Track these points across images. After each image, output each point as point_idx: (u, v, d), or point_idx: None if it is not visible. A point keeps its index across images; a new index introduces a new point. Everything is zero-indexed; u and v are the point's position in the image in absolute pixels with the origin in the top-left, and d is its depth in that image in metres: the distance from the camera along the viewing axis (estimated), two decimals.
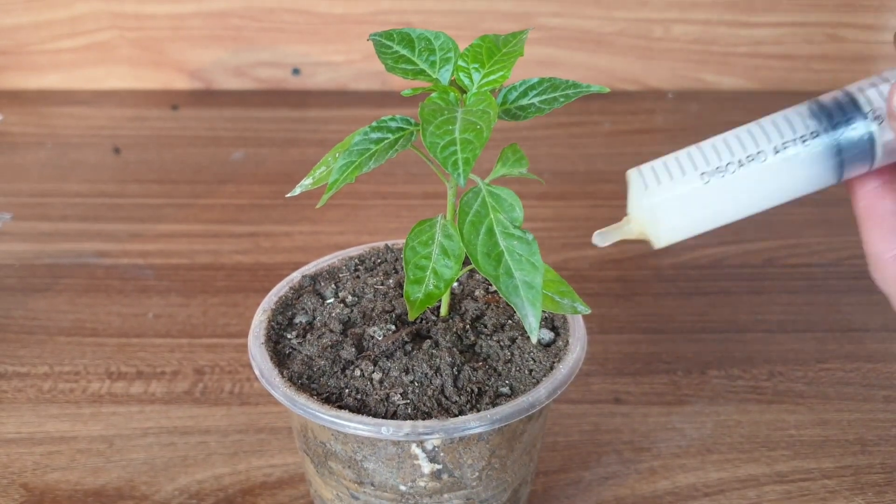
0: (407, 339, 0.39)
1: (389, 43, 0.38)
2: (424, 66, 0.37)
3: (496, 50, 0.37)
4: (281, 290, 0.43)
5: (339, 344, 0.39)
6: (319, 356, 0.39)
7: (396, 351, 0.39)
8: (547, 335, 0.40)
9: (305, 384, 0.38)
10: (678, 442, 0.50)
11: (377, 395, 0.37)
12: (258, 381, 0.44)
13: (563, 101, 0.36)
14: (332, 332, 0.40)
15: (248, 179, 0.78)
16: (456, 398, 0.37)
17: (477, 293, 0.43)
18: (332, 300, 0.43)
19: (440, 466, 0.37)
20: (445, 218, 0.37)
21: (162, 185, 0.77)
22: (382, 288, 0.43)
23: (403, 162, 0.75)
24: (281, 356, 0.40)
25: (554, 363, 0.39)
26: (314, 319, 0.42)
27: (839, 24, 0.93)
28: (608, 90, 0.35)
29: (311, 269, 0.45)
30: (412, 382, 0.37)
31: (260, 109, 0.91)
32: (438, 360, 0.38)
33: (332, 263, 0.45)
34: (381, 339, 0.39)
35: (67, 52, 0.93)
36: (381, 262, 0.46)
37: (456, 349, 0.39)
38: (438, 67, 0.37)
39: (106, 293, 0.63)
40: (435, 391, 0.37)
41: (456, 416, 0.36)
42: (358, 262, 0.45)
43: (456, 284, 0.44)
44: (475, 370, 0.38)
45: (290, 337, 0.41)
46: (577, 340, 0.40)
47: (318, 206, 0.34)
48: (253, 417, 0.51)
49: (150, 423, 0.51)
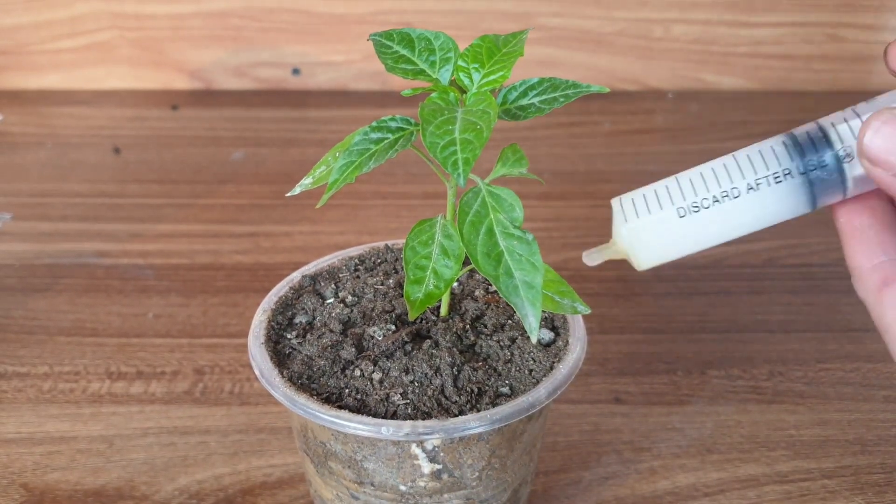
0: (407, 339, 0.39)
1: (389, 43, 0.38)
2: (424, 66, 0.37)
3: (496, 50, 0.37)
4: (281, 290, 0.43)
5: (339, 344, 0.39)
6: (319, 356, 0.39)
7: (396, 351, 0.39)
8: (547, 335, 0.40)
9: (305, 384, 0.38)
10: (678, 442, 0.50)
11: (377, 395, 0.37)
12: (258, 381, 0.44)
13: (563, 101, 0.36)
14: (332, 332, 0.40)
15: (248, 179, 0.78)
16: (456, 398, 0.37)
17: (477, 293, 0.43)
18: (332, 300, 0.43)
19: (440, 466, 0.37)
20: (445, 218, 0.37)
21: (162, 185, 0.77)
22: (382, 288, 0.43)
23: (403, 162, 0.75)
24: (281, 356, 0.40)
25: (554, 363, 0.39)
26: (314, 319, 0.42)
27: (839, 24, 0.93)
28: (608, 90, 0.35)
29: (311, 269, 0.45)
30: (412, 382, 0.37)
31: (260, 109, 0.91)
32: (438, 360, 0.38)
33: (332, 263, 0.45)
34: (381, 339, 0.39)
35: (67, 52, 0.93)
36: (381, 262, 0.46)
37: (456, 349, 0.39)
38: (438, 67, 0.37)
39: (106, 293, 0.63)
40: (435, 391, 0.37)
41: (456, 416, 0.36)
42: (358, 262, 0.45)
43: (456, 284, 0.44)
44: (475, 370, 0.38)
45: (290, 337, 0.41)
46: (577, 340, 0.40)
47: (317, 206, 0.34)
48: (253, 417, 0.51)
49: (150, 423, 0.51)
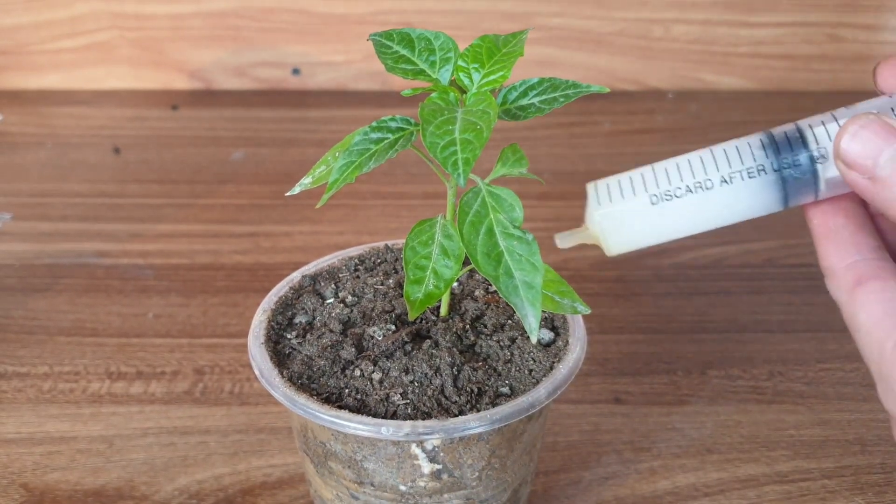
0: (407, 339, 0.39)
1: (389, 43, 0.38)
2: (424, 66, 0.37)
3: (496, 50, 0.37)
4: (281, 290, 0.43)
5: (339, 344, 0.39)
6: (319, 356, 0.39)
7: (396, 351, 0.39)
8: (547, 335, 0.40)
9: (305, 384, 0.38)
10: (678, 442, 0.50)
11: (377, 395, 0.37)
12: (258, 381, 0.44)
13: (563, 101, 0.36)
14: (332, 332, 0.40)
15: (248, 179, 0.78)
16: (456, 398, 0.37)
17: (477, 293, 0.43)
18: (332, 300, 0.43)
19: (440, 466, 0.37)
20: (445, 218, 0.37)
21: (162, 185, 0.77)
22: (382, 288, 0.43)
23: (403, 162, 0.75)
24: (281, 356, 0.40)
25: (554, 363, 0.39)
26: (314, 319, 0.42)
27: (839, 24, 0.93)
28: (608, 90, 0.35)
29: (311, 269, 0.45)
30: (412, 382, 0.37)
31: (260, 109, 0.91)
32: (438, 360, 0.38)
33: (332, 263, 0.45)
34: (380, 339, 0.39)
35: (67, 52, 0.93)
36: (381, 262, 0.46)
37: (456, 349, 0.39)
38: (438, 67, 0.37)
39: (106, 293, 0.63)
40: (435, 391, 0.37)
41: (456, 416, 0.36)
42: (358, 262, 0.45)
43: (456, 284, 0.44)
44: (475, 370, 0.38)
45: (290, 337, 0.41)
46: (577, 340, 0.40)
47: (317, 206, 0.34)
48: (253, 417, 0.51)
49: (150, 423, 0.51)
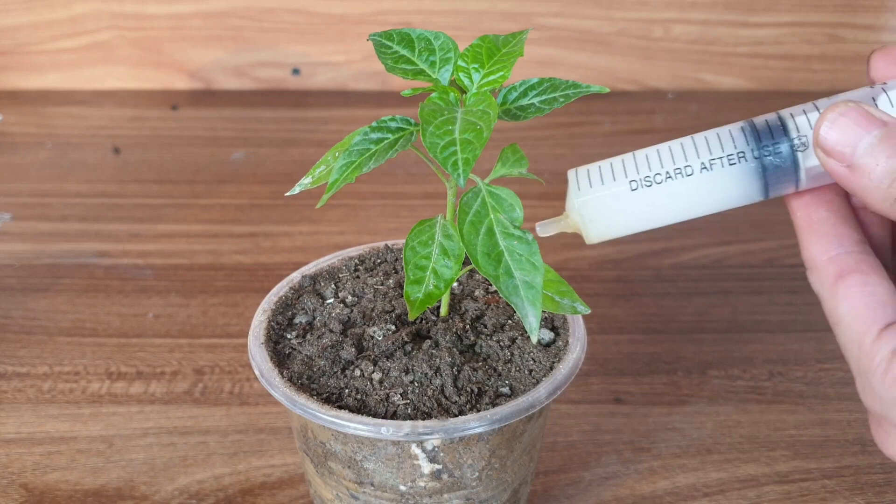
0: (407, 339, 0.39)
1: (389, 43, 0.38)
2: (424, 66, 0.37)
3: (496, 50, 0.37)
4: (281, 290, 0.43)
5: (339, 344, 0.39)
6: (319, 356, 0.39)
7: (396, 351, 0.39)
8: (547, 335, 0.40)
9: (305, 384, 0.38)
10: (678, 442, 0.50)
11: (377, 395, 0.37)
12: (258, 381, 0.44)
13: (563, 101, 0.36)
14: (332, 332, 0.40)
15: (248, 179, 0.78)
16: (456, 398, 0.37)
17: (477, 293, 0.43)
18: (332, 300, 0.43)
19: (440, 466, 0.37)
20: (445, 218, 0.37)
21: (162, 185, 0.77)
22: (382, 288, 0.43)
23: (403, 162, 0.75)
24: (281, 356, 0.40)
25: (554, 363, 0.39)
26: (314, 319, 0.42)
27: (839, 24, 0.93)
28: (608, 90, 0.35)
29: (311, 269, 0.45)
30: (412, 382, 0.37)
31: (260, 109, 0.91)
32: (438, 360, 0.38)
33: (331, 263, 0.45)
34: (381, 339, 0.39)
35: (67, 52, 0.93)
36: (381, 262, 0.46)
37: (456, 349, 0.39)
38: (438, 67, 0.37)
39: (106, 293, 0.63)
40: (435, 391, 0.37)
41: (456, 416, 0.36)
42: (358, 262, 0.45)
43: (456, 284, 0.44)
44: (475, 370, 0.38)
45: (289, 337, 0.41)
46: (577, 340, 0.40)
47: (317, 206, 0.34)
48: (253, 417, 0.51)
49: (150, 423, 0.51)
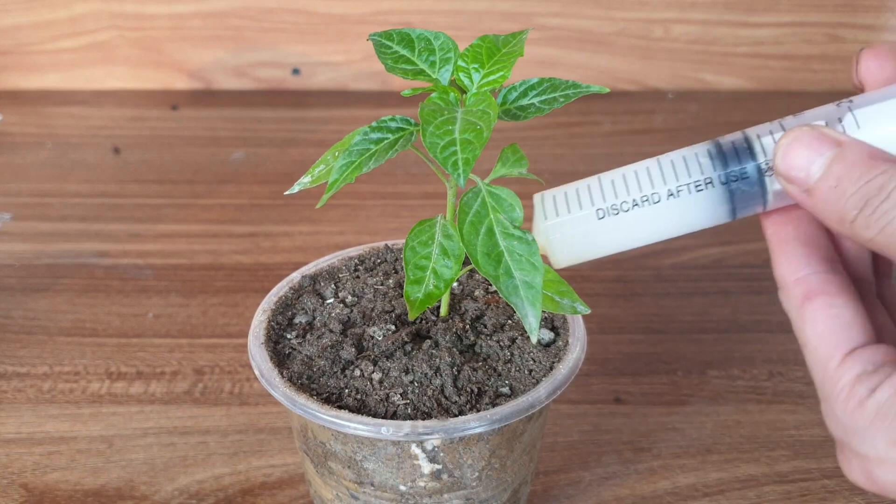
0: (407, 339, 0.39)
1: (389, 43, 0.38)
2: (424, 66, 0.37)
3: (496, 50, 0.37)
4: (281, 290, 0.43)
5: (338, 344, 0.39)
6: (319, 356, 0.39)
7: (396, 351, 0.39)
8: (547, 335, 0.40)
9: (305, 384, 0.38)
10: (678, 442, 0.50)
11: (377, 395, 0.37)
12: (258, 381, 0.44)
13: (562, 101, 0.36)
14: (331, 332, 0.40)
15: (248, 179, 0.78)
16: (456, 398, 0.37)
17: (477, 293, 0.43)
18: (331, 300, 0.43)
19: (440, 466, 0.37)
20: (445, 218, 0.37)
21: (162, 185, 0.77)
22: (382, 288, 0.43)
23: (403, 162, 0.75)
24: (281, 356, 0.40)
25: (554, 363, 0.39)
26: (314, 319, 0.42)
27: (839, 24, 0.93)
28: (608, 90, 0.35)
29: (310, 269, 0.45)
30: (412, 382, 0.37)
31: (260, 109, 0.91)
32: (438, 360, 0.38)
33: (331, 263, 0.45)
34: (380, 339, 0.39)
35: (67, 52, 0.93)
36: (380, 262, 0.46)
37: (456, 349, 0.39)
38: (438, 67, 0.37)
39: (106, 293, 0.63)
40: (435, 391, 0.37)
41: (456, 416, 0.36)
42: (358, 262, 0.45)
43: (456, 284, 0.44)
44: (475, 370, 0.38)
45: (289, 337, 0.41)
46: (576, 340, 0.40)
47: (317, 206, 0.34)
48: (253, 417, 0.51)
49: (150, 423, 0.51)
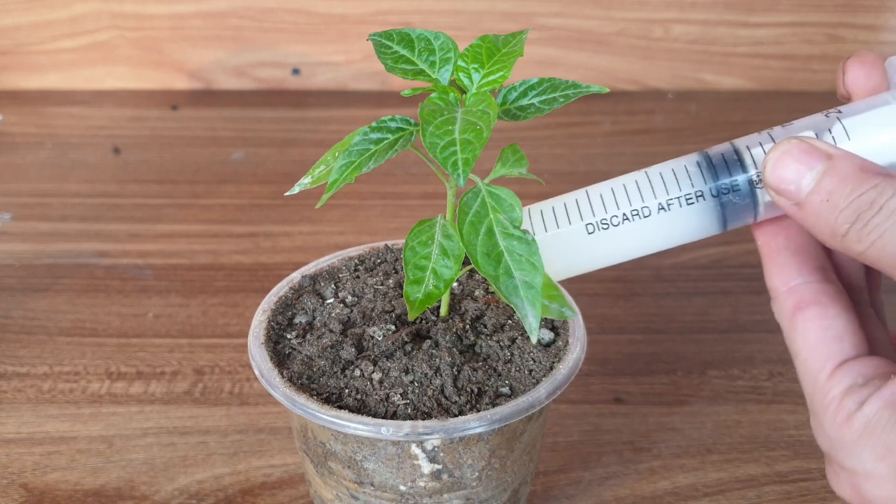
0: (407, 339, 0.39)
1: (389, 43, 0.38)
2: (424, 66, 0.37)
3: (496, 50, 0.37)
4: (281, 290, 0.43)
5: (338, 344, 0.39)
6: (319, 356, 0.39)
7: (396, 351, 0.39)
8: (547, 335, 0.40)
9: (305, 384, 0.38)
10: (678, 442, 0.50)
11: (377, 395, 0.37)
12: (258, 381, 0.44)
13: (562, 101, 0.36)
14: (331, 332, 0.40)
15: (248, 179, 0.78)
16: (456, 398, 0.37)
17: (477, 293, 0.43)
18: (331, 300, 0.43)
19: (440, 466, 0.37)
20: (445, 218, 0.37)
21: (162, 185, 0.77)
22: (382, 288, 0.43)
23: (403, 162, 0.75)
24: (281, 356, 0.40)
25: (554, 363, 0.39)
26: (314, 319, 0.42)
27: (839, 24, 0.93)
28: (608, 90, 0.35)
29: (310, 269, 0.45)
30: (412, 382, 0.37)
31: (260, 109, 0.91)
32: (438, 360, 0.38)
33: (331, 263, 0.45)
34: (380, 339, 0.39)
35: (67, 52, 0.93)
36: (380, 262, 0.46)
37: (456, 349, 0.39)
38: (438, 67, 0.37)
39: (106, 293, 0.63)
40: (435, 391, 0.37)
41: (456, 416, 0.36)
42: (358, 262, 0.45)
43: (456, 284, 0.44)
44: (475, 370, 0.38)
45: (289, 337, 0.41)
46: (576, 340, 0.40)
47: (317, 206, 0.34)
48: (253, 417, 0.51)
49: (149, 423, 0.51)
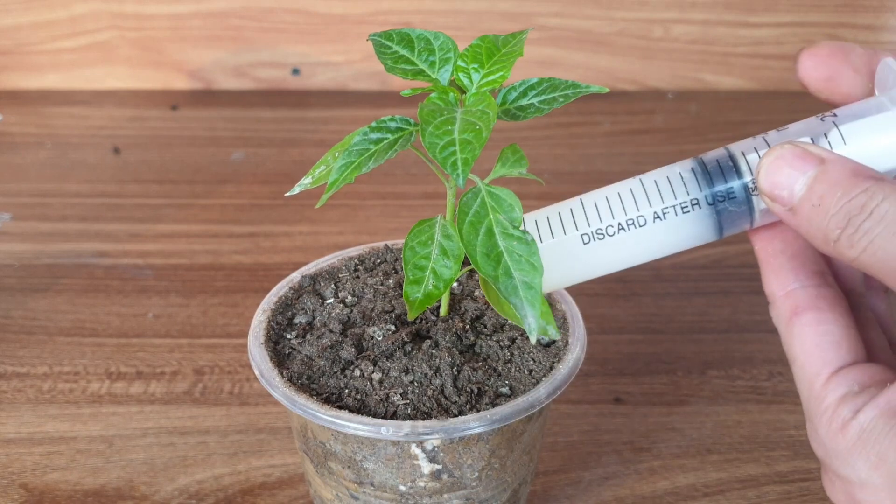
0: (407, 339, 0.39)
1: (389, 43, 0.38)
2: (424, 66, 0.37)
3: (496, 50, 0.37)
4: (281, 290, 0.43)
5: (338, 344, 0.39)
6: (319, 356, 0.39)
7: (396, 351, 0.39)
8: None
9: (305, 384, 0.38)
10: (678, 442, 0.50)
11: (377, 395, 0.37)
12: (258, 381, 0.44)
13: (562, 101, 0.36)
14: (331, 332, 0.40)
15: (247, 179, 0.78)
16: (456, 398, 0.37)
17: (477, 293, 0.43)
18: (331, 300, 0.43)
19: (440, 466, 0.37)
20: (445, 218, 0.37)
21: (161, 185, 0.77)
22: (382, 288, 0.43)
23: (403, 162, 0.75)
24: (281, 356, 0.40)
25: (554, 363, 0.39)
26: (314, 319, 0.42)
27: (839, 24, 0.93)
28: (608, 90, 0.35)
29: (310, 269, 0.45)
30: (412, 382, 0.37)
31: (260, 109, 0.91)
32: (438, 360, 0.38)
33: (331, 263, 0.45)
34: (380, 339, 0.39)
35: (67, 52, 0.93)
36: (380, 262, 0.46)
37: (456, 349, 0.39)
38: (438, 67, 0.37)
39: (106, 293, 0.63)
40: (435, 391, 0.37)
41: (456, 416, 0.36)
42: (358, 262, 0.45)
43: (456, 284, 0.44)
44: (475, 370, 0.38)
45: (289, 337, 0.41)
46: (576, 340, 0.40)
47: (317, 206, 0.34)
48: (253, 417, 0.51)
49: (149, 423, 0.51)
